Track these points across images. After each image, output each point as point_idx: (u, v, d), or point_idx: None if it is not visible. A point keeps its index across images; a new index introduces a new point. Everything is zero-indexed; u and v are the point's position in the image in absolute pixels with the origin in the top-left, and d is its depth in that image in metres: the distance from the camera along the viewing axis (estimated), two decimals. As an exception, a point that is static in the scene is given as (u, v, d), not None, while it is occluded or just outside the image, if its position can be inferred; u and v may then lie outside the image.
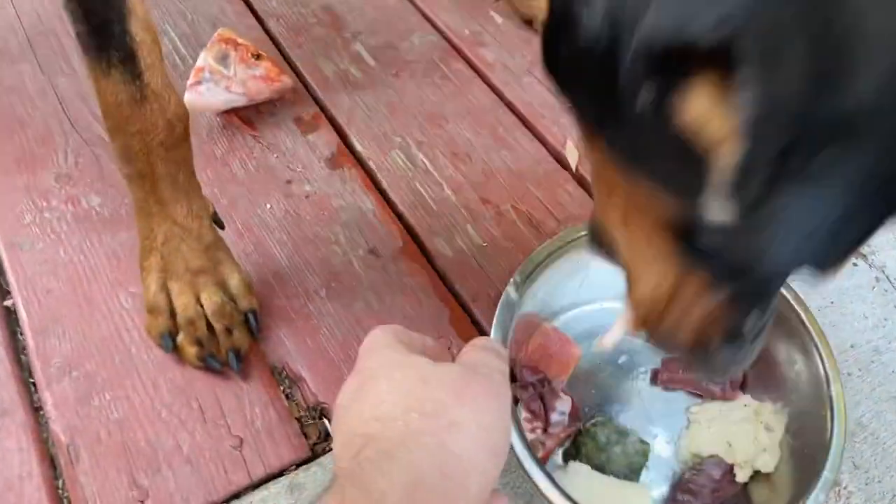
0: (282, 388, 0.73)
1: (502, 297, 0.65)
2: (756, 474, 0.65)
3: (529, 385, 0.65)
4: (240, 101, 0.92)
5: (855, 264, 0.85)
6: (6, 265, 0.80)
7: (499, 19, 1.10)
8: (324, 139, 0.93)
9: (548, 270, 0.68)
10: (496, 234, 0.84)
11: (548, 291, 0.69)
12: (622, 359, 0.72)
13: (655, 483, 0.66)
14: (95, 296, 0.78)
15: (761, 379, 0.69)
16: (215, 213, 0.78)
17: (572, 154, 0.92)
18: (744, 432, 0.65)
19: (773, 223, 0.34)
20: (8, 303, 0.78)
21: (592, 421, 0.67)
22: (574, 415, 0.64)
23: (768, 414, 0.66)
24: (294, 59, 1.02)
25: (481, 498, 0.44)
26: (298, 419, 0.71)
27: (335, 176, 0.90)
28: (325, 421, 0.71)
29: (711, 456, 0.65)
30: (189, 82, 0.90)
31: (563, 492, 0.55)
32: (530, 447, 0.57)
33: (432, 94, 0.99)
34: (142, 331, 0.75)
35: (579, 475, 0.63)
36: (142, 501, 0.65)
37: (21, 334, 0.76)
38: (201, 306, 0.73)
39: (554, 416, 0.62)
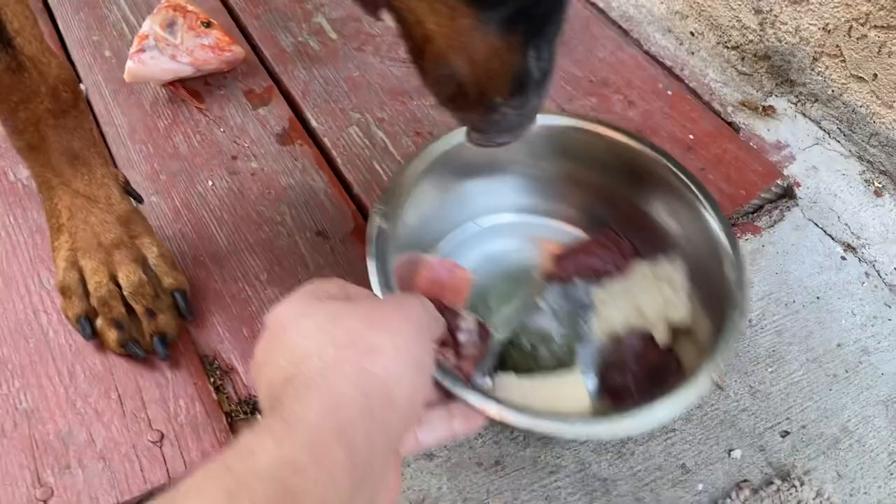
0: (211, 379, 0.66)
1: (371, 228, 0.59)
2: (679, 336, 0.63)
3: None
4: (186, 72, 0.86)
5: (844, 258, 0.78)
6: (-81, 240, 0.74)
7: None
8: (275, 114, 0.87)
9: (413, 197, 0.63)
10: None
11: (419, 219, 0.65)
12: (513, 268, 0.69)
13: (585, 374, 0.63)
14: (14, 273, 0.71)
15: (650, 242, 0.67)
16: (127, 183, 0.71)
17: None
18: (648, 295, 0.64)
19: None
20: (-82, 280, 0.71)
21: (508, 334, 0.64)
22: (483, 333, 0.59)
23: (666, 270, 0.65)
24: (250, 29, 0.96)
25: (413, 411, 0.44)
26: (228, 413, 0.65)
27: (285, 152, 0.83)
28: (258, 416, 0.65)
29: (627, 330, 0.64)
30: (131, 50, 0.84)
31: (497, 398, 0.52)
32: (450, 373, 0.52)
33: (396, 70, 0.92)
34: (61, 314, 0.68)
35: (510, 383, 0.61)
36: (44, 501, 0.59)
37: (-72, 315, 0.69)
38: (117, 285, 0.66)
39: (462, 337, 0.56)
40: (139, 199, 0.73)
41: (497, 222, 0.72)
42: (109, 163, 0.69)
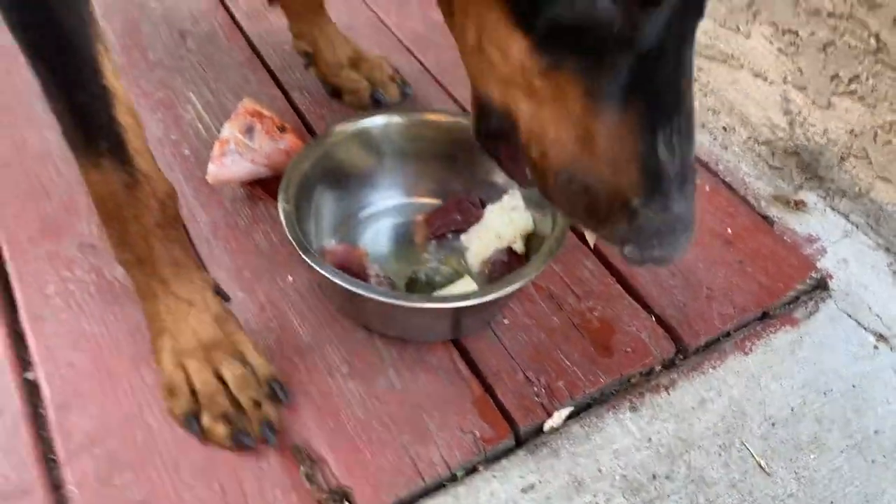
0: (302, 468, 0.72)
1: (282, 214, 0.77)
2: (532, 238, 0.85)
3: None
4: (263, 173, 0.93)
5: (876, 347, 0.85)
6: (29, 337, 0.80)
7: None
8: (346, 211, 0.94)
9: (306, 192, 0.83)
10: (516, 310, 0.84)
11: (316, 210, 0.85)
12: (400, 237, 0.90)
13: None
14: (117, 370, 0.78)
15: (492, 190, 0.88)
16: (217, 285, 0.78)
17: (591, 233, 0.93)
18: (501, 224, 0.85)
19: None
20: (30, 375, 0.78)
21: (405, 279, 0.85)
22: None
23: (509, 202, 0.86)
24: (317, 130, 1.03)
25: None
26: (319, 502, 0.70)
27: (357, 249, 0.90)
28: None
29: (491, 254, 0.85)
30: (213, 154, 0.91)
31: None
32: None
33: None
34: (163, 407, 0.74)
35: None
36: (162, 588, 0.65)
37: (42, 409, 0.75)
38: (222, 381, 0.73)
39: (373, 281, 0.81)
40: (227, 299, 0.80)
41: (383, 206, 0.92)
42: (201, 266, 0.76)
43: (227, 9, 1.21)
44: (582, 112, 0.47)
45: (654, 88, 0.46)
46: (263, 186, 0.95)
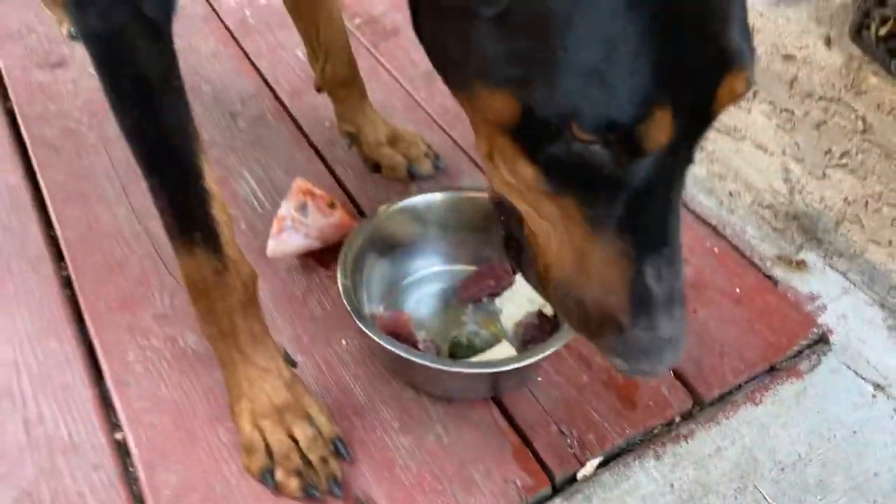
0: (365, 517, 0.81)
1: (341, 288, 0.89)
2: None
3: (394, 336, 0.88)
4: (316, 246, 1.04)
5: (874, 396, 0.94)
6: (115, 400, 0.90)
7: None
8: (391, 279, 1.04)
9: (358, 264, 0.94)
10: (549, 370, 0.94)
11: (367, 279, 0.97)
12: (440, 301, 1.01)
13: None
14: (196, 430, 0.88)
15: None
16: (286, 353, 0.88)
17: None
18: (531, 291, 0.88)
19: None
20: (119, 436, 0.88)
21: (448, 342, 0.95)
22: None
23: None
24: (361, 204, 1.14)
25: None
26: (381, 547, 0.80)
27: (402, 314, 1.00)
28: (405, 548, 0.80)
29: (523, 316, 0.95)
30: (273, 231, 1.02)
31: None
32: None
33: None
34: (239, 463, 0.84)
35: None
36: None
37: (132, 466, 0.85)
38: (294, 440, 0.82)
39: (422, 347, 0.91)
40: (294, 365, 0.90)
41: (424, 273, 1.03)
42: (273, 339, 0.86)
43: (272, 91, 1.33)
44: (580, 236, 0.54)
45: (645, 223, 0.52)
46: (315, 257, 1.05)
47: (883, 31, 0.89)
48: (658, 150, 0.50)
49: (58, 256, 1.07)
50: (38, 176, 1.17)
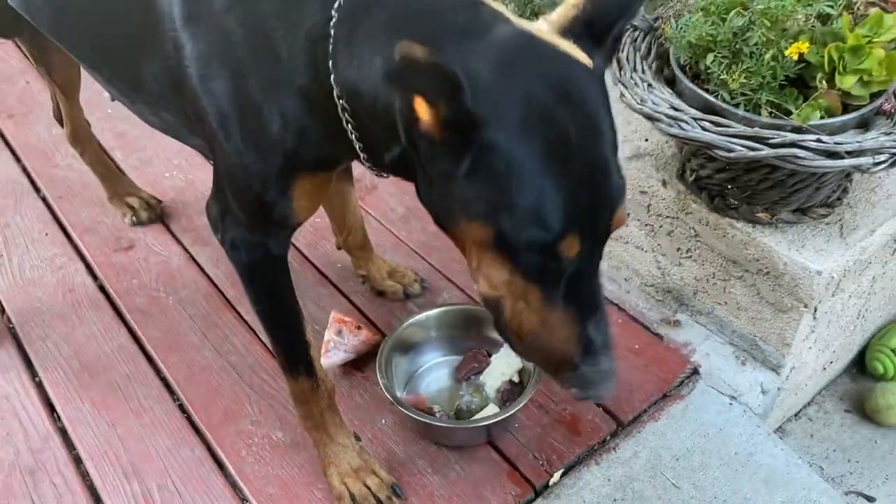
0: (420, 531, 1.28)
1: (382, 386, 1.37)
2: (523, 371, 1.44)
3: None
4: (351, 357, 1.52)
5: (731, 404, 1.44)
6: (239, 483, 1.35)
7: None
8: (407, 373, 1.53)
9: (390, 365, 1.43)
10: (522, 417, 1.42)
11: (395, 373, 1.45)
12: (444, 380, 1.50)
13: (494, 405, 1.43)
14: (300, 493, 1.33)
15: (495, 345, 1.48)
16: (354, 433, 1.36)
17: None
18: (503, 365, 1.44)
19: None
20: (247, 505, 1.33)
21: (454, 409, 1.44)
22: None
23: (505, 350, 1.44)
24: (375, 321, 1.63)
25: None
26: (433, 547, 1.26)
27: (419, 396, 1.48)
28: (448, 545, 1.26)
29: (500, 384, 1.43)
30: (322, 352, 1.49)
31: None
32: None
33: (464, 332, 1.60)
34: (333, 510, 1.30)
35: None
36: None
37: (262, 523, 1.30)
38: (368, 488, 1.29)
39: (438, 415, 1.40)
40: (359, 440, 1.36)
41: (430, 364, 1.51)
42: (344, 423, 1.33)
43: (293, 245, 1.82)
44: (541, 308, 0.87)
45: (581, 296, 0.84)
46: (352, 365, 1.53)
47: (693, 177, 1.43)
48: (576, 257, 0.81)
49: (170, 391, 1.52)
50: (139, 334, 1.63)
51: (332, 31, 0.89)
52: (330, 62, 0.90)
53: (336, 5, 0.89)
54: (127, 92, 1.23)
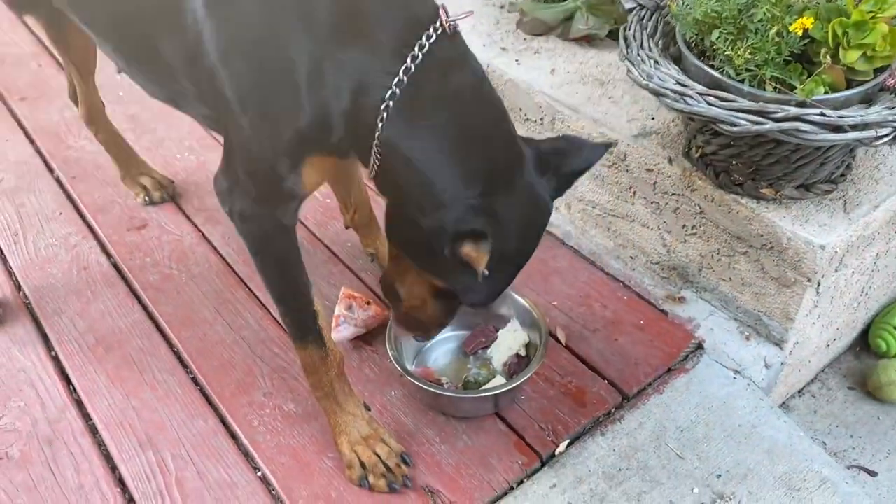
0: (430, 499, 1.30)
1: (392, 359, 1.41)
2: (529, 346, 1.49)
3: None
4: (361, 332, 1.54)
5: (734, 378, 1.47)
6: (251, 451, 1.38)
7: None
8: (415, 347, 1.55)
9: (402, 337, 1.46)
10: (528, 389, 1.45)
11: (404, 346, 1.48)
12: (453, 353, 1.55)
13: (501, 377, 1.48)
14: (311, 461, 1.36)
15: (501, 321, 1.53)
16: (364, 402, 1.38)
17: (562, 333, 1.55)
18: (509, 340, 1.49)
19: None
20: (259, 473, 1.36)
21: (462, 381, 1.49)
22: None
23: (511, 325, 1.50)
24: (381, 295, 1.65)
25: None
26: (441, 513, 1.29)
27: (427, 369, 1.51)
28: (457, 512, 1.29)
29: (507, 358, 1.47)
30: (332, 326, 1.52)
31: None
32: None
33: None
34: (344, 477, 1.32)
35: None
36: (372, 569, 1.22)
37: (274, 491, 1.33)
38: (378, 456, 1.31)
39: (446, 386, 1.44)
40: (368, 409, 1.39)
41: (438, 338, 1.49)
42: (355, 393, 1.36)
43: (303, 224, 1.85)
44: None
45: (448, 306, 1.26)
46: (362, 339, 1.56)
47: (698, 154, 1.45)
48: None
49: (183, 365, 1.55)
50: (153, 310, 1.66)
51: (389, 103, 1.04)
52: (379, 122, 1.05)
53: (396, 80, 1.03)
54: (137, 62, 1.27)
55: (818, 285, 1.41)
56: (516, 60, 1.79)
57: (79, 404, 1.48)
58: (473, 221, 1.03)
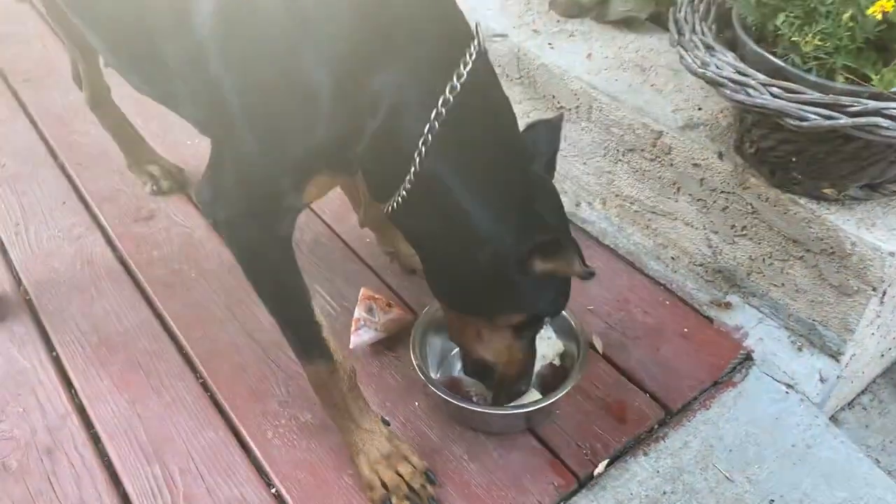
0: (456, 521, 1.20)
1: (416, 367, 1.29)
2: (564, 355, 1.37)
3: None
4: (382, 336, 1.44)
5: (787, 392, 1.35)
6: (265, 466, 1.28)
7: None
8: (441, 354, 1.45)
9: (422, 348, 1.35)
10: (563, 404, 1.34)
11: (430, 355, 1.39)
12: None
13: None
14: (328, 479, 1.26)
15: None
16: (382, 417, 1.28)
17: (598, 340, 1.44)
18: (543, 348, 1.34)
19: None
20: (273, 490, 1.26)
21: None
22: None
23: (545, 332, 1.36)
24: (405, 298, 1.54)
25: None
26: (470, 539, 1.19)
27: (454, 378, 1.40)
28: (486, 537, 1.19)
29: (543, 367, 1.35)
30: (353, 330, 1.42)
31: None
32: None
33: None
34: (362, 497, 1.22)
35: None
36: None
37: (289, 510, 1.23)
38: (400, 476, 1.21)
39: (473, 396, 1.33)
40: (388, 424, 1.29)
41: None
42: (371, 408, 1.25)
43: (320, 217, 1.74)
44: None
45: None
46: (383, 344, 1.45)
47: (753, 149, 1.33)
48: None
49: (192, 369, 1.45)
50: (160, 308, 1.56)
51: (435, 124, 0.96)
52: (423, 147, 0.98)
53: (442, 100, 0.95)
54: (129, 58, 1.21)
55: (883, 294, 1.29)
56: (549, 44, 1.66)
57: (81, 411, 1.39)
58: (538, 235, 1.02)
